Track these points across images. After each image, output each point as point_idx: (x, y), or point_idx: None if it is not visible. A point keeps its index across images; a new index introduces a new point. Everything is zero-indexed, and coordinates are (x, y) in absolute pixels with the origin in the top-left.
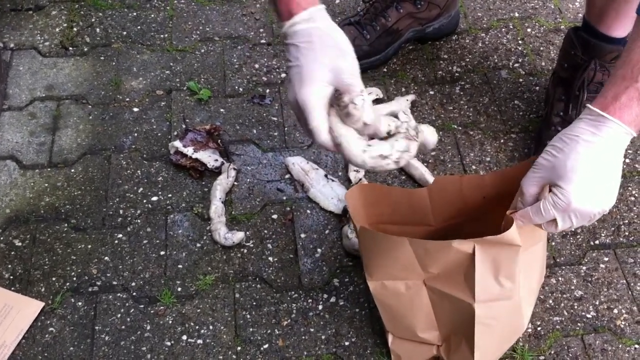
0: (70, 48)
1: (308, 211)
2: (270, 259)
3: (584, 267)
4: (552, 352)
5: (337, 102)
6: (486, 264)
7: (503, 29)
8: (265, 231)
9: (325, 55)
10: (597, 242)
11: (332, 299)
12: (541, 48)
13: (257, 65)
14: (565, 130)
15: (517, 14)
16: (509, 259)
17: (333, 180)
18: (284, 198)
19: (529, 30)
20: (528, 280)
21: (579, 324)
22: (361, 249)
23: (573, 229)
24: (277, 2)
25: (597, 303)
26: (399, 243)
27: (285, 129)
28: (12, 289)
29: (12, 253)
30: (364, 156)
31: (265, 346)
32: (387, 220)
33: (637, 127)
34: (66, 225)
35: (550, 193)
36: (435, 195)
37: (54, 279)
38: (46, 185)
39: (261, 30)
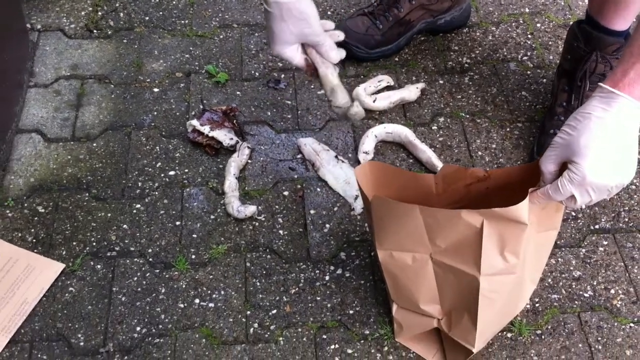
0: (95, 31)
1: (318, 189)
2: (281, 232)
3: (584, 250)
4: (549, 327)
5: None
6: (493, 239)
7: (513, 24)
8: (277, 206)
9: (291, 24)
10: (597, 226)
11: (339, 271)
12: (550, 42)
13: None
14: (579, 109)
15: (527, 10)
16: (515, 236)
17: (343, 162)
18: (295, 176)
19: (538, 25)
20: (535, 261)
21: (576, 302)
22: (373, 219)
23: (593, 203)
24: None
25: (595, 283)
26: (410, 210)
27: (299, 112)
28: (35, 251)
29: (36, 218)
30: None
31: (274, 311)
32: (394, 199)
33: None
34: (87, 194)
35: (567, 169)
36: (441, 182)
37: (74, 243)
38: (69, 157)
39: None
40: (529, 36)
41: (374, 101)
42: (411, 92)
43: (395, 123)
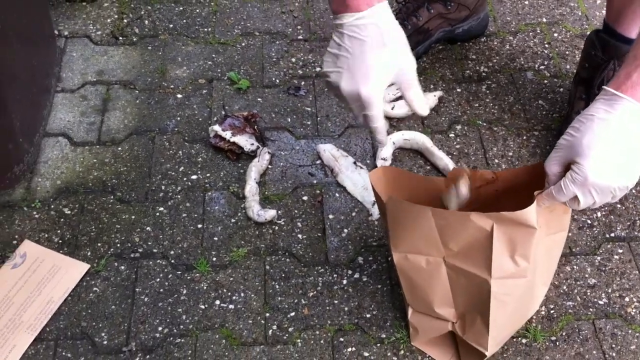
0: (120, 38)
1: (337, 194)
2: (300, 236)
3: (599, 257)
4: (564, 334)
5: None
6: (503, 242)
7: (530, 33)
8: (296, 211)
9: (387, 56)
10: (612, 234)
11: (356, 275)
12: (567, 52)
13: (293, 59)
14: (584, 111)
15: (545, 20)
16: (525, 240)
17: (361, 168)
18: (314, 182)
19: (555, 35)
20: (546, 264)
21: (590, 309)
22: (388, 220)
23: (597, 206)
24: None
25: (610, 291)
26: (423, 212)
27: (318, 118)
28: (61, 251)
29: (62, 220)
30: None
31: (292, 314)
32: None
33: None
34: (112, 197)
35: (570, 170)
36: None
37: (99, 244)
38: (95, 161)
39: (299, 27)
40: (546, 46)
41: (392, 108)
42: (429, 100)
43: (413, 130)
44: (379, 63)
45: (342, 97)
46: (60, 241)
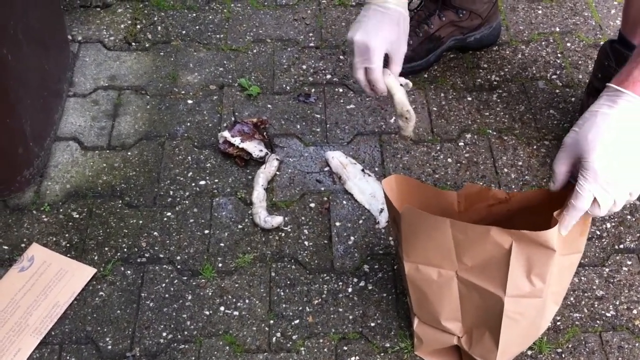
0: (133, 43)
1: (344, 202)
2: (306, 243)
3: (607, 269)
4: (570, 346)
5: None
6: (520, 261)
7: (543, 42)
8: (303, 218)
9: (395, 34)
10: (621, 246)
11: (362, 283)
12: (579, 62)
13: (304, 67)
14: (588, 109)
15: (558, 29)
16: (543, 261)
17: (369, 175)
18: (322, 189)
19: (568, 44)
20: (559, 283)
21: (597, 322)
22: (402, 230)
23: (618, 208)
24: None
25: (617, 303)
26: (441, 223)
27: (327, 125)
28: (68, 255)
29: (70, 224)
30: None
31: (296, 321)
32: None
33: None
34: (120, 202)
35: (579, 170)
36: (463, 201)
37: (106, 248)
38: (104, 165)
39: (310, 34)
40: (559, 55)
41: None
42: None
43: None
44: (389, 30)
45: (352, 51)
46: (67, 245)
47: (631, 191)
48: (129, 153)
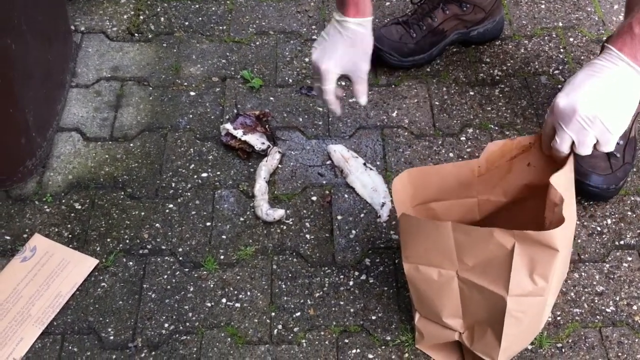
0: (136, 34)
1: (346, 195)
2: (308, 236)
3: (607, 265)
4: (570, 341)
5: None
6: (523, 261)
7: (546, 37)
8: (305, 211)
9: (349, 56)
10: (622, 242)
11: (363, 277)
12: (582, 57)
13: (307, 59)
14: None
15: (561, 24)
16: (546, 261)
17: (371, 169)
18: (324, 182)
19: (571, 39)
20: (558, 280)
21: (597, 317)
22: (401, 234)
23: (590, 139)
24: None
25: (618, 299)
26: (442, 227)
27: (329, 119)
28: (70, 246)
29: (72, 215)
30: None
31: (298, 314)
32: (432, 198)
33: (629, 54)
34: (122, 193)
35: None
36: (484, 164)
37: (108, 240)
38: (106, 156)
39: (313, 27)
40: (562, 50)
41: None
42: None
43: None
44: (342, 54)
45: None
46: (70, 236)
47: (577, 123)
48: (132, 144)
